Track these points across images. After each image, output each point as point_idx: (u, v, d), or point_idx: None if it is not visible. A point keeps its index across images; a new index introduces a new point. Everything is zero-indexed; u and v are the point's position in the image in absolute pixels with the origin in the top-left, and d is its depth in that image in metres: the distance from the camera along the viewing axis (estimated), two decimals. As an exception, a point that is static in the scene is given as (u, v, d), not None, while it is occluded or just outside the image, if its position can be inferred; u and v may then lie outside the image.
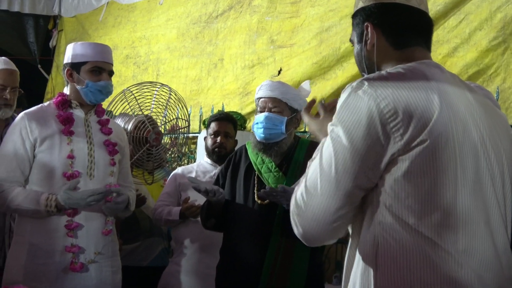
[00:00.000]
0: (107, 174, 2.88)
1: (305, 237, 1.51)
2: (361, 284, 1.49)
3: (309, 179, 1.47)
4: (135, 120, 3.54)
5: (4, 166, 2.74)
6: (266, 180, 2.88)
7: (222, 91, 5.51)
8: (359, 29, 1.65)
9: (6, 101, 3.33)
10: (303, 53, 5.03)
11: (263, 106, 2.89)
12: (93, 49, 2.84)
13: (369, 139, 1.40)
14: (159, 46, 6.14)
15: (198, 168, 3.70)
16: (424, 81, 1.48)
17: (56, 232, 2.73)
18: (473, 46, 4.25)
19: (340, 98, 1.48)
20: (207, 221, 3.02)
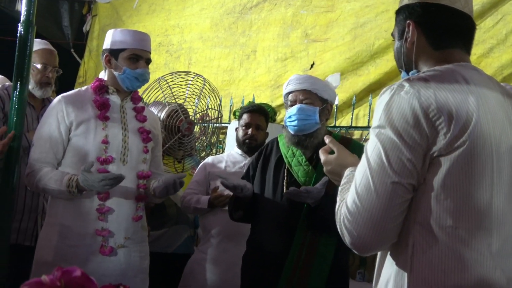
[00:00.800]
0: (140, 161, 2.90)
1: (361, 243, 1.49)
2: (394, 284, 1.50)
3: (359, 184, 1.48)
4: (168, 108, 3.57)
5: (38, 148, 2.78)
6: (296, 174, 2.89)
7: (253, 83, 5.52)
8: (401, 26, 1.68)
9: (47, 80, 3.40)
10: (337, 48, 5.01)
11: (294, 100, 2.88)
12: (132, 36, 2.86)
13: (417, 134, 1.42)
14: (192, 35, 6.16)
15: (228, 158, 3.72)
16: (462, 83, 1.50)
17: (87, 215, 2.76)
18: (509, 47, 4.21)
19: (379, 101, 1.51)
20: (234, 213, 3.04)
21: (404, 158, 1.43)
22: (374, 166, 1.45)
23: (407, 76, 1.66)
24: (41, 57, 3.39)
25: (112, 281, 2.64)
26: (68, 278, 0.95)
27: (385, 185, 1.43)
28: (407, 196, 1.46)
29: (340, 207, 1.55)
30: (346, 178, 1.65)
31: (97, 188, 2.63)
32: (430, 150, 1.43)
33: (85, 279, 0.96)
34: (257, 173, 3.03)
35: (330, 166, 1.78)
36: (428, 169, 1.45)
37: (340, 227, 1.52)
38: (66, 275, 0.96)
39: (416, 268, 1.45)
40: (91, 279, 0.96)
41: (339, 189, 1.64)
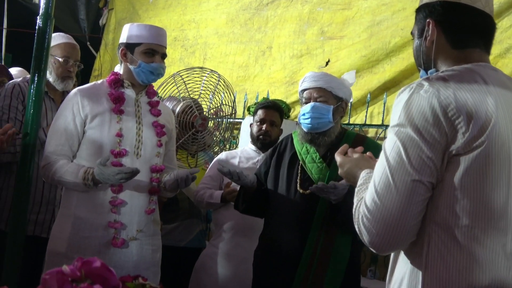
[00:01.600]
0: (154, 155, 2.91)
1: (381, 242, 1.48)
2: (408, 282, 1.51)
3: (378, 183, 1.48)
4: (183, 104, 3.59)
5: (54, 140, 2.80)
6: (310, 171, 2.89)
7: (268, 79, 5.52)
8: (421, 24, 1.68)
9: (69, 73, 3.43)
10: (353, 45, 5.00)
11: (308, 97, 2.89)
12: (149, 31, 2.87)
13: (437, 132, 1.43)
14: (207, 31, 6.17)
15: (241, 154, 3.73)
16: (481, 84, 1.50)
17: (101, 207, 2.78)
18: (526, 48, 4.19)
19: (398, 100, 1.51)
20: (239, 204, 3.06)
21: (424, 156, 1.43)
22: (394, 164, 1.45)
23: (426, 75, 1.66)
24: (63, 50, 3.42)
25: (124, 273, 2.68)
26: (88, 269, 0.97)
27: (405, 183, 1.43)
28: (426, 195, 1.46)
29: (358, 206, 1.54)
30: (362, 179, 1.66)
31: (112, 181, 2.65)
32: (448, 148, 1.43)
33: (105, 270, 0.98)
34: (271, 169, 3.04)
35: (346, 167, 1.79)
36: (446, 168, 1.45)
37: (358, 226, 1.52)
38: (86, 265, 0.98)
39: (431, 266, 1.46)
40: (111, 270, 0.98)
41: (356, 190, 1.64)
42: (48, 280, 0.96)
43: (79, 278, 0.96)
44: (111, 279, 0.98)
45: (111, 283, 0.98)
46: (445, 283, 1.43)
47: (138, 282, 1.02)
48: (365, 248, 4.27)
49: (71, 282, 0.95)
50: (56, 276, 0.96)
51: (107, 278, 0.98)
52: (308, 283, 2.77)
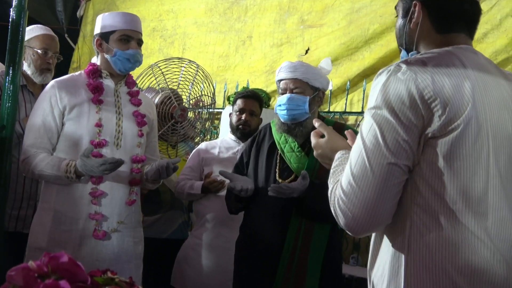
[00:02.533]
0: (134, 145, 2.89)
1: (356, 224, 1.48)
2: (390, 267, 1.51)
3: (355, 165, 1.47)
4: (162, 95, 3.57)
5: (32, 133, 2.77)
6: (289, 160, 2.89)
7: (249, 69, 5.50)
8: (407, 4, 1.67)
9: (48, 66, 3.38)
10: (332, 33, 5.00)
11: (285, 88, 2.88)
12: (122, 18, 2.83)
13: (413, 115, 1.42)
14: (186, 21, 6.12)
15: (221, 144, 3.72)
16: (459, 67, 1.49)
17: (81, 199, 2.76)
18: (503, 33, 4.20)
19: (375, 82, 1.51)
20: (233, 208, 3.04)
21: (400, 139, 1.43)
22: (370, 146, 1.45)
23: (407, 56, 1.66)
24: (42, 42, 3.37)
25: (105, 266, 2.68)
26: (55, 264, 0.95)
27: (381, 166, 1.43)
28: (402, 178, 1.46)
29: (334, 189, 1.54)
30: (337, 161, 1.65)
31: (95, 173, 2.63)
32: (425, 131, 1.43)
33: (73, 265, 0.96)
34: (251, 159, 3.04)
35: (320, 150, 1.78)
36: (423, 151, 1.45)
37: (334, 209, 1.52)
38: (53, 260, 0.96)
39: (413, 249, 1.46)
40: (79, 265, 0.96)
41: (331, 172, 1.64)
42: (13, 276, 0.94)
43: (46, 273, 0.94)
44: (79, 274, 0.97)
45: (79, 278, 0.96)
46: (428, 266, 1.43)
47: (107, 276, 1.01)
48: (347, 236, 4.31)
49: (38, 277, 0.93)
50: (22, 272, 0.95)
51: (75, 273, 0.96)
52: (291, 273, 2.77)
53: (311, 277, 2.78)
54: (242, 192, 2.85)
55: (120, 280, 1.00)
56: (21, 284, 0.93)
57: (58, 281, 0.90)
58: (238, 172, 3.06)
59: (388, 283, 1.51)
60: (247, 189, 2.86)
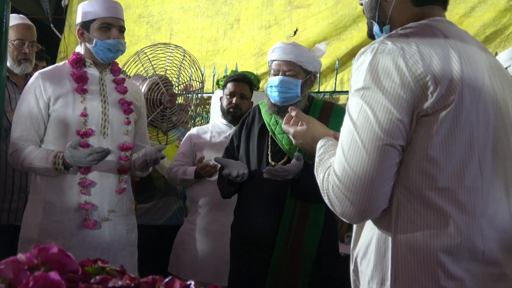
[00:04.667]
0: (122, 133, 2.87)
1: (354, 211, 1.42)
2: (377, 248, 1.48)
3: (348, 150, 1.41)
4: (149, 81, 3.54)
5: (19, 125, 2.75)
6: (280, 141, 2.88)
7: (238, 52, 5.48)
8: None
9: (25, 56, 3.34)
10: (320, 13, 4.98)
11: (277, 69, 2.86)
12: (101, 5, 2.78)
13: (405, 93, 1.38)
14: (172, 6, 6.08)
15: (213, 129, 3.71)
16: (441, 38, 1.46)
17: (70, 190, 2.75)
18: (490, 6, 4.19)
19: (360, 61, 1.45)
20: (226, 192, 3.03)
21: (394, 119, 1.37)
22: (363, 129, 1.39)
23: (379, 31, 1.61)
24: (16, 32, 3.32)
25: (98, 255, 2.68)
26: (45, 255, 0.94)
27: (377, 148, 1.38)
28: (398, 158, 1.41)
29: (326, 177, 1.48)
30: (321, 149, 1.60)
31: (84, 164, 2.62)
32: (417, 109, 1.38)
33: (63, 255, 0.95)
34: (241, 142, 3.02)
35: (301, 140, 1.74)
36: (415, 130, 1.40)
37: (329, 197, 1.47)
38: (43, 252, 0.95)
39: (400, 231, 1.42)
40: (69, 255, 0.95)
41: (317, 161, 1.58)
42: (3, 270, 0.93)
43: (36, 265, 0.93)
44: (70, 264, 0.96)
45: (70, 269, 0.95)
46: (416, 248, 1.40)
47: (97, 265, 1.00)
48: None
49: (27, 270, 0.92)
50: (11, 265, 0.93)
51: (65, 264, 0.95)
52: (286, 255, 2.78)
53: (307, 258, 2.78)
54: (238, 178, 2.84)
55: (111, 269, 0.99)
56: (11, 277, 0.92)
57: (48, 273, 0.89)
58: (229, 155, 3.04)
59: (374, 265, 1.48)
60: (243, 174, 2.85)
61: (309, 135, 1.72)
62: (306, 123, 1.75)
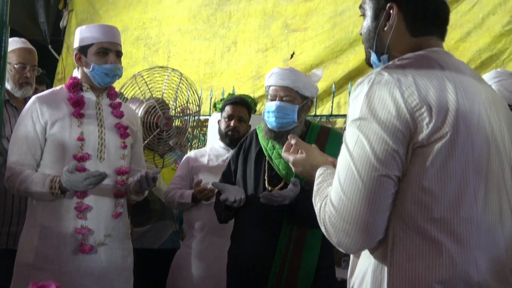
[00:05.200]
0: (118, 157, 2.87)
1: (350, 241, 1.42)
2: (373, 279, 1.47)
3: (344, 180, 1.42)
4: (146, 105, 3.55)
5: (16, 150, 2.75)
6: (277, 166, 2.88)
7: (235, 75, 5.51)
8: (378, 4, 1.61)
9: (26, 80, 3.34)
10: (316, 36, 5.01)
11: (274, 95, 2.87)
12: (98, 30, 2.81)
13: (400, 124, 1.38)
14: (170, 28, 6.11)
15: (211, 152, 3.70)
16: (438, 69, 1.47)
17: (66, 214, 2.74)
18: (486, 31, 4.22)
19: (357, 92, 1.46)
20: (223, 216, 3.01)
21: (390, 150, 1.38)
22: (359, 159, 1.40)
23: (377, 60, 1.62)
24: (18, 56, 3.33)
25: (94, 280, 2.66)
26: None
27: (372, 179, 1.38)
28: (394, 189, 1.41)
29: (322, 206, 1.49)
30: (320, 177, 1.61)
31: (80, 188, 2.61)
32: (413, 140, 1.39)
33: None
34: (239, 167, 3.02)
35: (300, 168, 1.75)
36: (411, 161, 1.40)
37: (325, 226, 1.47)
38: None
39: (396, 262, 1.42)
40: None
41: (315, 190, 1.59)
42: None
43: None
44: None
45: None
46: (412, 279, 1.40)
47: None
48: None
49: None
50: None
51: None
52: (282, 280, 2.76)
53: (303, 283, 2.76)
54: (235, 203, 2.84)
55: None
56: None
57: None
58: (226, 180, 3.04)
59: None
60: (240, 199, 2.84)
61: (308, 163, 1.73)
62: (305, 151, 1.76)
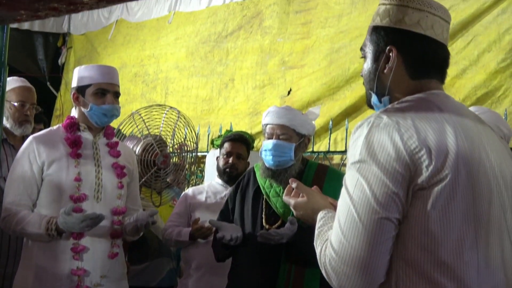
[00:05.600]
0: (114, 197, 2.86)
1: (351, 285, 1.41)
2: None
3: (344, 223, 1.41)
4: (143, 142, 3.56)
5: (12, 190, 2.75)
6: (274, 205, 2.87)
7: (232, 111, 5.53)
8: (378, 47, 1.61)
9: (26, 118, 3.36)
10: (313, 73, 5.05)
11: (271, 133, 2.88)
12: (97, 71, 2.84)
13: (400, 166, 1.38)
14: (168, 65, 6.17)
15: (208, 189, 3.70)
16: (438, 112, 1.47)
17: (62, 255, 2.72)
18: (481, 68, 4.26)
19: (356, 135, 1.46)
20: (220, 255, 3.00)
21: (390, 192, 1.38)
22: (359, 202, 1.39)
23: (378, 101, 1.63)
24: (18, 94, 3.35)
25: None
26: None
27: (373, 222, 1.38)
28: (394, 232, 1.40)
29: (323, 250, 1.48)
30: (321, 221, 1.60)
31: (77, 230, 2.61)
32: (413, 182, 1.38)
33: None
34: (236, 205, 3.02)
35: (301, 211, 1.74)
36: (411, 203, 1.40)
37: (326, 270, 1.45)
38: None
39: None
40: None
41: (316, 233, 1.58)
42: None
43: None
44: None
45: None
46: None
47: None
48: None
49: None
50: None
51: None
52: None
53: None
54: (231, 242, 2.82)
55: None
56: None
57: None
58: (224, 218, 3.03)
59: None
60: (236, 237, 2.83)
61: (309, 207, 1.72)
62: (306, 195, 1.76)
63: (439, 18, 1.59)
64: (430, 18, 1.58)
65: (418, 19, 1.57)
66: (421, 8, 1.58)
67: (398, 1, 1.60)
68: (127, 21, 6.63)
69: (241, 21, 5.71)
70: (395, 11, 1.60)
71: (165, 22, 6.30)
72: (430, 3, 1.59)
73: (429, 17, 1.58)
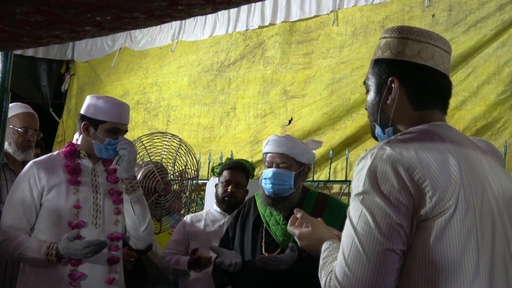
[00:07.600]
0: (111, 223, 2.88)
1: None
2: None
3: (348, 254, 1.42)
4: (145, 169, 3.57)
5: (11, 214, 2.76)
6: (274, 233, 2.87)
7: (234, 139, 5.55)
8: (380, 79, 1.64)
9: (29, 143, 3.38)
10: (314, 103, 5.08)
11: (271, 161, 2.90)
12: (114, 109, 2.86)
13: (404, 197, 1.39)
14: (170, 93, 6.21)
15: (207, 217, 3.70)
16: (440, 143, 1.48)
17: (60, 282, 2.71)
18: (481, 100, 4.27)
19: (360, 166, 1.47)
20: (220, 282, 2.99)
21: (393, 223, 1.38)
22: (363, 233, 1.40)
23: (382, 132, 1.64)
24: (22, 120, 3.38)
25: None
26: None
27: (377, 253, 1.38)
28: (399, 263, 1.40)
29: (328, 281, 1.48)
30: (326, 252, 1.61)
31: (78, 256, 2.61)
32: (417, 213, 1.39)
33: None
34: (236, 233, 3.02)
35: (306, 242, 1.75)
36: (415, 234, 1.40)
37: None
38: None
39: None
40: None
41: (321, 264, 1.58)
42: None
43: None
44: None
45: None
46: None
47: None
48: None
49: None
50: None
51: None
52: None
53: None
54: (230, 267, 2.82)
55: None
56: None
57: None
58: (224, 246, 3.02)
59: None
60: (235, 263, 2.83)
61: (314, 237, 1.73)
62: (311, 225, 1.76)
63: (439, 49, 1.62)
64: (430, 49, 1.60)
65: (418, 50, 1.60)
66: (421, 39, 1.61)
67: (399, 34, 1.63)
68: (131, 49, 6.69)
69: (243, 51, 5.76)
70: (396, 43, 1.62)
71: (168, 50, 6.36)
72: (430, 35, 1.62)
73: (429, 48, 1.60)
